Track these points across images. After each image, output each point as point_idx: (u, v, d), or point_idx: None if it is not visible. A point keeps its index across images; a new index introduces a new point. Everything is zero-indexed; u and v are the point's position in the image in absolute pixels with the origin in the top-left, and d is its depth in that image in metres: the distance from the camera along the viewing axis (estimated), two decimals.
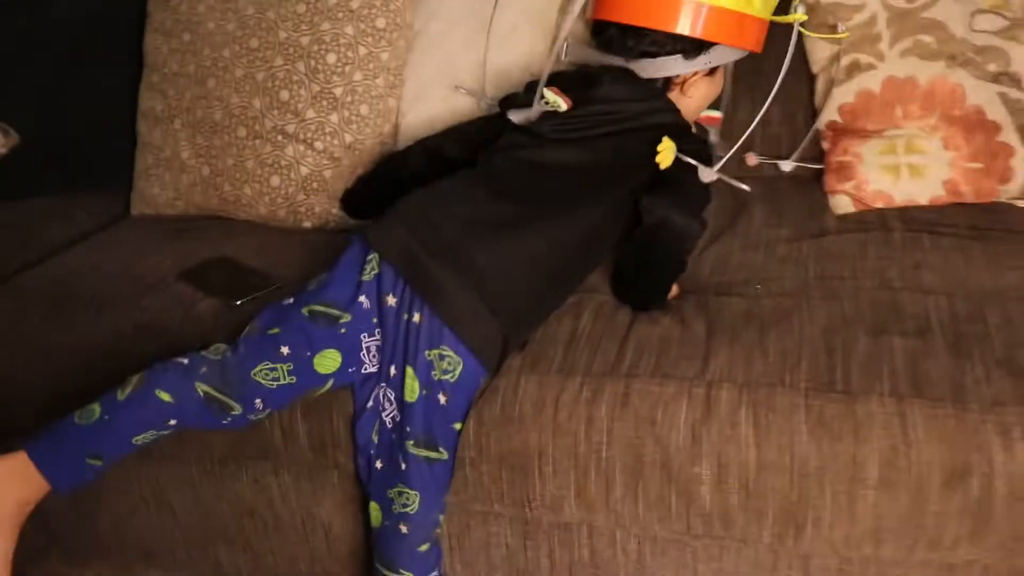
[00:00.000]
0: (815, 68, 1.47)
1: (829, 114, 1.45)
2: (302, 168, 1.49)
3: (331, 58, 1.47)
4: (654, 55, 1.26)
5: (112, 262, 1.47)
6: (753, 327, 1.11)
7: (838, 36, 1.40)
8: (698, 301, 1.19)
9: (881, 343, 1.06)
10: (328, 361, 1.14)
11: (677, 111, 1.28)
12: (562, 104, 1.23)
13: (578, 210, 1.17)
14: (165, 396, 1.10)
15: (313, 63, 1.48)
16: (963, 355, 1.03)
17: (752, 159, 1.46)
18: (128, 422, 1.11)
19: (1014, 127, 1.36)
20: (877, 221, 1.35)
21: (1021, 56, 1.36)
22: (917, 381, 1.01)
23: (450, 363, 1.10)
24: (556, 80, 1.29)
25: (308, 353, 1.12)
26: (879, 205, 1.40)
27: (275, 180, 1.50)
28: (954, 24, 1.39)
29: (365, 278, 1.14)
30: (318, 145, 1.48)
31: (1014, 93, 1.36)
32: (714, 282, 1.23)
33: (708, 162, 1.23)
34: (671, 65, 1.26)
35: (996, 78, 1.37)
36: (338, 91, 1.48)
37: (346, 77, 1.48)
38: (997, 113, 1.37)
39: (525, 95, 1.31)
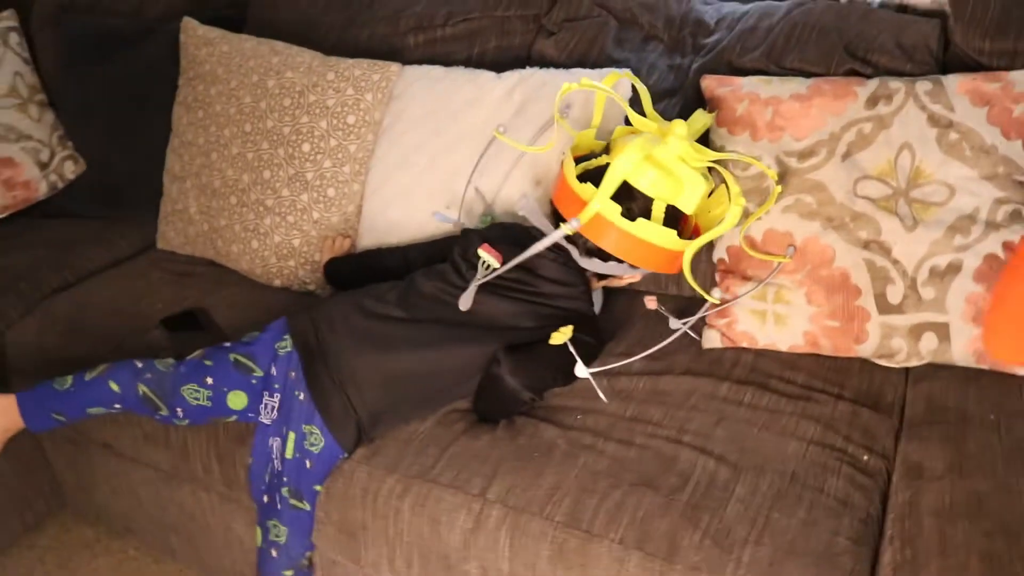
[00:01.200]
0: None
1: (719, 252, 1.59)
2: (275, 236, 1.78)
3: (306, 147, 1.75)
4: (605, 259, 1.43)
5: (122, 297, 1.81)
6: (546, 458, 1.31)
7: (781, 259, 1.50)
8: (525, 423, 1.40)
9: (635, 494, 1.24)
10: (237, 400, 1.47)
11: (590, 300, 1.49)
12: (494, 263, 1.41)
13: (463, 349, 1.42)
14: (115, 387, 1.47)
15: (291, 150, 1.75)
16: (692, 520, 1.20)
17: (651, 302, 1.55)
18: (85, 397, 1.49)
19: (873, 293, 1.46)
20: (728, 364, 1.49)
21: (891, 227, 1.46)
22: (644, 535, 1.19)
23: (316, 439, 1.39)
24: (499, 231, 1.52)
25: (225, 388, 1.46)
26: (744, 344, 1.54)
27: (254, 243, 1.80)
28: (836, 188, 1.49)
29: (279, 352, 1.46)
30: (290, 219, 1.77)
31: (880, 261, 1.46)
32: (549, 404, 1.43)
33: (590, 359, 1.43)
34: (616, 268, 1.44)
35: (866, 245, 1.48)
36: (309, 175, 1.75)
37: (317, 164, 1.75)
38: (861, 278, 1.47)
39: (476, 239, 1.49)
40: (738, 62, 1.68)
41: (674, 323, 1.52)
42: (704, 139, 1.60)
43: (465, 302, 1.40)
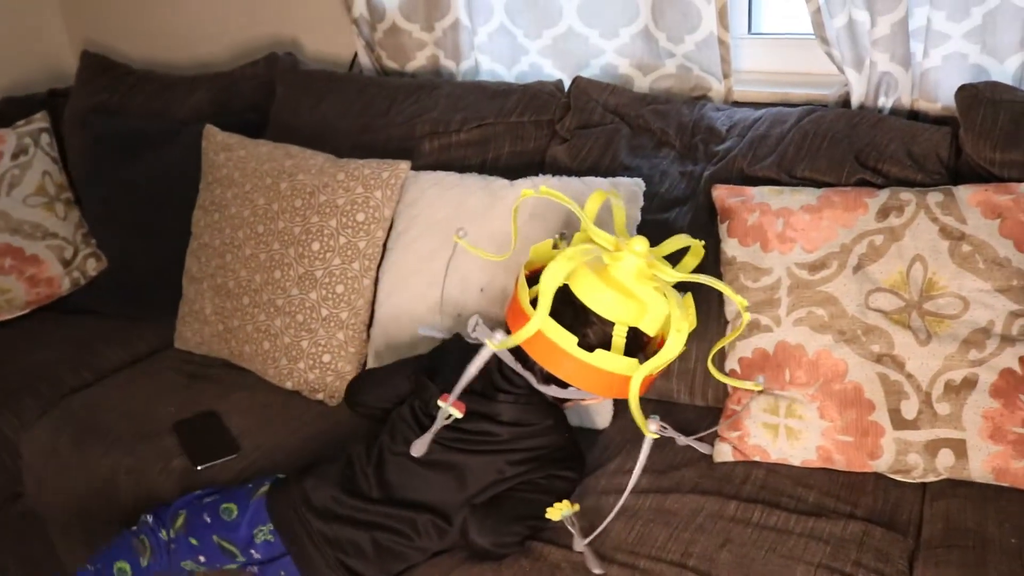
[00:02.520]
0: (728, 316, 1.60)
1: (731, 363, 1.57)
2: (285, 337, 1.79)
3: (315, 246, 1.76)
4: (564, 385, 1.35)
5: (136, 399, 1.82)
6: None
7: (753, 387, 1.48)
8: (530, 545, 1.37)
9: None
10: (233, 567, 1.46)
11: (562, 431, 1.43)
12: (457, 414, 1.32)
13: (444, 515, 1.37)
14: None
15: (301, 249, 1.77)
16: None
17: (653, 423, 1.49)
18: None
19: (887, 408, 1.43)
20: (738, 480, 1.46)
21: (904, 340, 1.43)
22: None
23: None
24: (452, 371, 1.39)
25: (218, 564, 1.45)
26: (756, 458, 1.51)
27: (266, 344, 1.81)
28: (848, 301, 1.48)
29: (257, 540, 1.42)
30: (299, 318, 1.78)
31: (894, 375, 1.44)
32: (556, 527, 1.38)
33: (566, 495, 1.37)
34: (577, 394, 1.37)
35: (879, 359, 1.45)
36: (318, 273, 1.76)
37: (326, 262, 1.76)
38: (875, 393, 1.44)
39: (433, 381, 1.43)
40: (749, 170, 1.68)
41: (681, 440, 1.49)
42: (715, 252, 1.59)
43: (419, 449, 1.33)
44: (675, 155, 1.79)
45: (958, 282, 1.44)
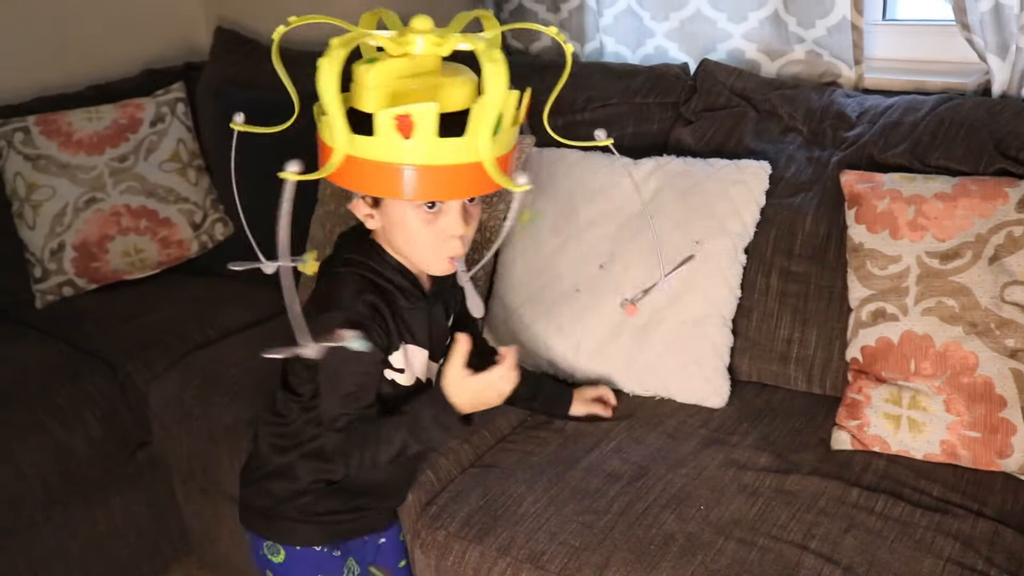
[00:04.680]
0: (852, 304, 1.56)
1: (853, 351, 1.54)
2: None
3: None
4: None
5: (258, 356, 1.88)
6: (661, 552, 1.28)
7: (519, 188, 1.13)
8: (646, 510, 1.36)
9: None
10: None
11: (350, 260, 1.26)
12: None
13: None
14: None
15: None
16: None
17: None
18: None
19: (1020, 406, 1.39)
20: (858, 468, 1.43)
21: None
22: None
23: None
24: None
25: None
26: (875, 449, 1.48)
27: None
28: (981, 292, 1.43)
29: None
30: None
31: None
32: (676, 494, 1.40)
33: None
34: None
35: (1014, 354, 1.40)
36: None
37: None
38: (1007, 389, 1.40)
39: None
40: (880, 157, 1.64)
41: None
42: (841, 237, 1.57)
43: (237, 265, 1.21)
44: (802, 140, 1.76)
45: None
